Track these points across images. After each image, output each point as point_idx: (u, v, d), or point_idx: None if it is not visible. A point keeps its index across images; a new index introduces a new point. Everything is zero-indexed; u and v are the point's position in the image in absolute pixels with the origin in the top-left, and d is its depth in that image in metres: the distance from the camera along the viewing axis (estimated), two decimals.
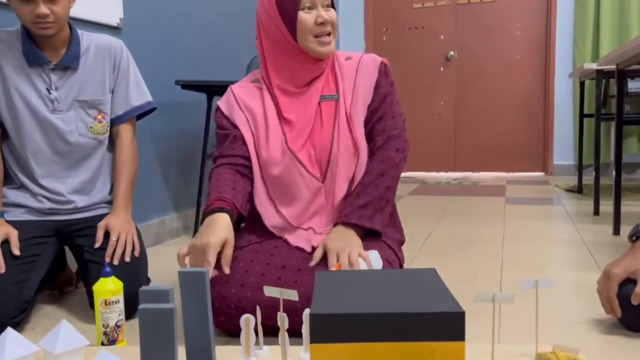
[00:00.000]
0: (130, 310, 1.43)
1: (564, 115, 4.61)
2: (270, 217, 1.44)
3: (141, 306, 0.76)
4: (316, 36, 1.41)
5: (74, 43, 1.58)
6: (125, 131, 1.68)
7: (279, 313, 1.09)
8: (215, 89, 2.45)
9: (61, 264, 1.78)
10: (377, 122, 1.47)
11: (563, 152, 4.64)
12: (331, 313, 0.77)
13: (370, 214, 1.39)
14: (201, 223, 1.36)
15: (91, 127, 1.61)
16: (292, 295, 1.04)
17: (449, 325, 0.77)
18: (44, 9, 1.43)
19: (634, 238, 1.36)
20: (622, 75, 2.31)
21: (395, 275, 0.97)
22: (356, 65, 1.51)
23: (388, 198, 1.43)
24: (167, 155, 2.53)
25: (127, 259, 1.50)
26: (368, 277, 0.95)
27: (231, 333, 1.34)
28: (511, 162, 4.84)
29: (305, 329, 1.12)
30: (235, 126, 1.48)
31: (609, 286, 1.31)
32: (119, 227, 1.53)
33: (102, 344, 1.25)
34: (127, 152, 1.66)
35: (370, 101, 1.47)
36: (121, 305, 1.27)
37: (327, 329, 0.77)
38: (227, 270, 1.29)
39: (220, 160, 1.47)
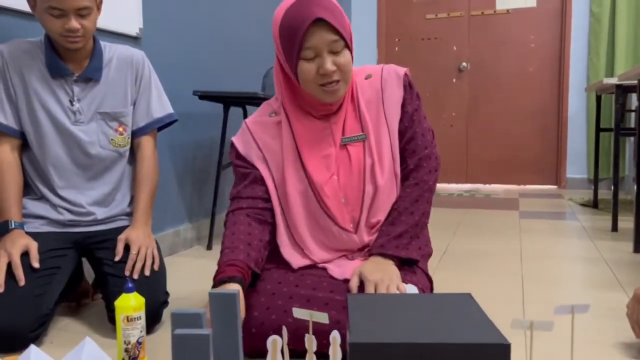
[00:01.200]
0: (150, 324, 1.42)
1: (577, 129, 4.58)
2: (296, 261, 1.37)
3: (176, 332, 0.74)
4: (321, 84, 1.28)
5: (97, 55, 1.58)
6: (147, 143, 1.67)
7: (306, 335, 1.06)
8: (232, 100, 2.44)
9: (79, 275, 1.77)
10: (407, 143, 1.39)
11: (576, 165, 4.61)
12: (372, 342, 0.75)
13: (406, 243, 1.33)
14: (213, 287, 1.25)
15: (112, 139, 1.60)
16: (323, 318, 1.02)
17: (494, 357, 0.75)
18: (75, 23, 1.43)
19: None
20: None
21: (430, 300, 0.94)
22: (379, 85, 1.40)
23: (424, 223, 1.38)
24: (183, 165, 2.52)
25: (147, 272, 1.48)
26: (403, 301, 0.93)
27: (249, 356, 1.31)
28: (523, 175, 4.81)
29: (332, 352, 1.10)
30: (253, 165, 1.39)
31: (639, 310, 1.28)
32: (139, 240, 1.51)
33: None
34: (148, 164, 1.65)
35: (399, 119, 1.38)
36: (143, 322, 1.26)
37: (367, 358, 0.75)
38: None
39: (238, 203, 1.37)
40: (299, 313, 1.04)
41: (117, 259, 1.49)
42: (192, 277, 2.08)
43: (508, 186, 4.81)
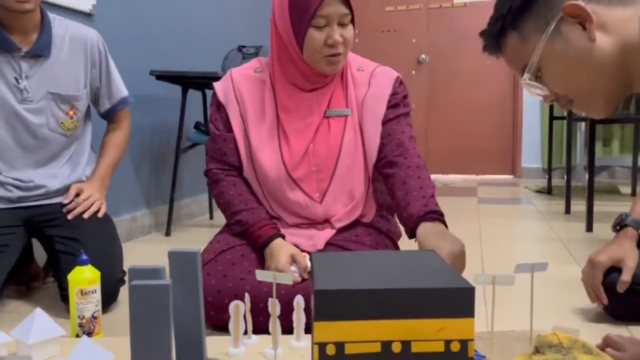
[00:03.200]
0: (106, 302, 1.36)
1: (531, 120, 4.71)
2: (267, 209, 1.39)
3: (134, 283, 0.70)
4: (326, 55, 1.30)
5: (45, 29, 1.50)
6: (120, 117, 1.69)
7: (270, 299, 1.04)
8: (191, 81, 2.39)
9: (28, 258, 1.68)
10: (387, 139, 1.35)
11: (531, 155, 4.74)
12: (337, 289, 0.74)
13: (437, 204, 1.27)
14: (259, 246, 1.31)
15: (62, 123, 1.54)
16: (287, 279, 1.00)
17: (458, 301, 0.74)
18: None
19: (618, 227, 1.37)
20: None
21: (395, 255, 0.94)
22: (368, 78, 1.41)
23: None
24: (140, 149, 2.45)
25: (86, 216, 1.48)
26: (367, 256, 0.91)
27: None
28: (480, 165, 4.91)
29: (296, 317, 1.08)
30: (228, 123, 1.40)
31: (594, 274, 1.31)
32: (90, 190, 1.53)
33: (77, 336, 1.18)
34: (117, 135, 1.68)
35: (383, 117, 1.36)
36: (98, 296, 1.21)
37: (332, 306, 0.73)
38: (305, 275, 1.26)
39: (225, 164, 1.40)
40: (262, 275, 1.02)
41: (66, 201, 1.50)
42: (150, 262, 2.01)
43: (466, 176, 4.90)
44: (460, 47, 4.82)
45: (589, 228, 2.41)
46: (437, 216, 1.23)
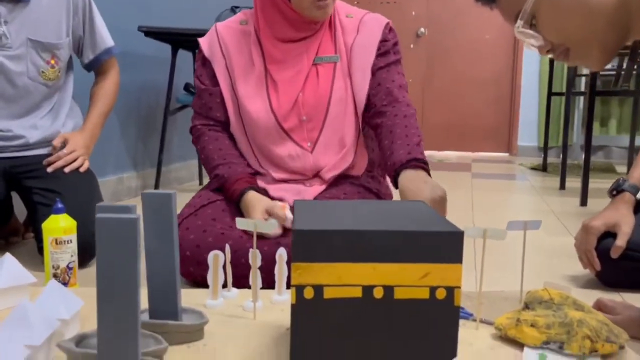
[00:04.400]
0: (82, 259, 1.31)
1: (529, 97, 4.65)
2: (252, 164, 1.34)
3: (99, 215, 0.66)
4: (314, 0, 1.24)
5: None
6: (107, 67, 1.64)
7: (251, 250, 1.00)
8: (181, 38, 2.31)
9: (7, 212, 1.64)
10: (380, 93, 1.31)
11: (527, 133, 4.69)
12: (318, 229, 0.69)
13: (423, 152, 1.23)
14: (234, 201, 1.26)
15: (42, 72, 1.48)
16: (268, 227, 0.95)
17: (446, 245, 0.70)
18: None
19: (614, 192, 1.33)
20: None
21: (382, 204, 0.89)
22: (357, 25, 1.36)
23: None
24: (126, 109, 2.38)
25: (67, 170, 1.44)
26: (353, 204, 0.87)
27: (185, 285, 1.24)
28: (476, 142, 4.86)
29: (278, 270, 1.04)
30: (214, 78, 1.35)
31: (588, 239, 1.28)
32: (76, 144, 1.48)
33: None
34: (105, 85, 1.63)
35: (372, 64, 1.32)
36: (74, 246, 1.16)
37: (311, 247, 0.69)
38: (288, 224, 1.17)
39: (208, 120, 1.36)
40: (242, 223, 0.97)
41: (53, 148, 1.47)
42: None
43: (461, 153, 4.85)
44: (460, 21, 4.73)
45: (584, 202, 2.38)
46: (420, 164, 1.19)
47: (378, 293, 0.70)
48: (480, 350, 0.84)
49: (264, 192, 1.28)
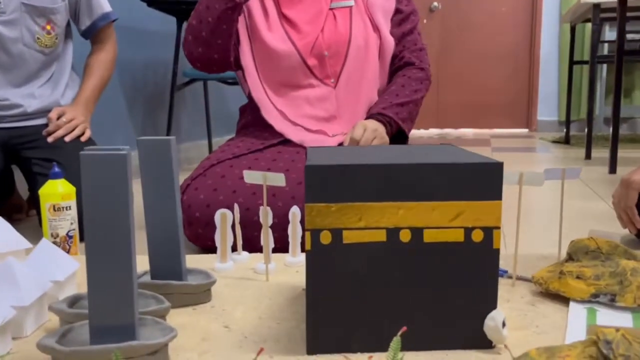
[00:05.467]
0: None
1: (548, 69, 4.49)
2: (279, 125, 1.25)
3: (84, 153, 0.57)
4: None
5: None
6: (103, 36, 1.55)
7: (261, 208, 0.91)
8: (186, 9, 2.22)
9: (9, 188, 1.57)
10: (397, 54, 1.32)
11: (547, 107, 4.54)
12: (332, 164, 0.60)
13: (405, 117, 1.26)
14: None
15: (38, 38, 1.40)
16: (279, 180, 0.87)
17: (484, 179, 0.61)
18: None
19: None
20: (623, 2, 2.17)
21: (410, 146, 0.80)
22: None
23: (418, 109, 1.31)
24: (132, 86, 2.30)
25: (68, 139, 1.37)
26: (375, 148, 0.78)
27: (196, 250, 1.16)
28: (494, 119, 4.72)
29: (292, 230, 0.95)
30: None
31: (628, 195, 1.17)
32: (74, 113, 1.41)
33: None
34: (100, 56, 1.55)
35: (391, 33, 1.31)
36: (73, 213, 1.08)
37: (328, 185, 0.60)
38: None
39: None
40: (250, 177, 0.89)
41: (49, 123, 1.38)
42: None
43: (478, 130, 4.72)
44: None
45: (612, 170, 2.26)
46: (383, 119, 1.21)
47: (405, 236, 0.61)
48: (519, 306, 0.75)
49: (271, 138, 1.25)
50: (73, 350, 0.57)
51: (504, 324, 0.61)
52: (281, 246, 0.99)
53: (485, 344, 0.62)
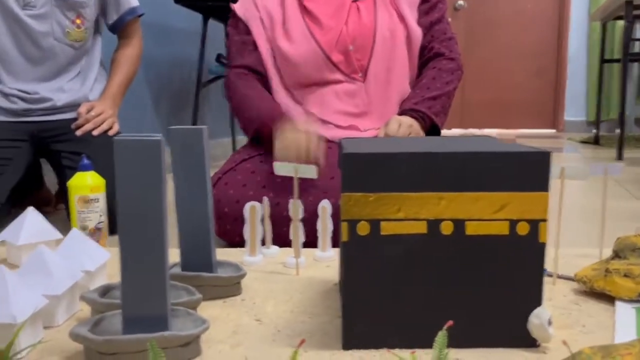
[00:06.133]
0: (113, 224, 1.24)
1: (577, 68, 4.40)
2: (296, 117, 1.22)
3: (118, 138, 0.56)
4: None
5: None
6: (129, 34, 1.55)
7: (291, 200, 0.90)
8: (213, 6, 2.22)
9: (37, 180, 1.59)
10: (426, 45, 1.27)
11: (574, 107, 4.45)
12: (371, 152, 0.58)
13: (438, 111, 1.21)
14: (258, 137, 1.17)
15: (68, 32, 1.41)
16: (310, 172, 0.85)
17: (530, 169, 0.58)
18: None
19: None
20: None
21: (448, 138, 0.77)
22: None
23: (451, 101, 1.26)
24: (158, 84, 2.31)
25: (96, 133, 1.38)
26: (413, 139, 0.76)
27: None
28: (519, 119, 4.64)
29: (321, 224, 0.93)
30: (247, 29, 1.28)
31: None
32: (102, 107, 1.42)
33: None
34: (126, 51, 1.55)
35: (419, 22, 1.26)
36: (102, 205, 1.08)
37: (365, 173, 0.58)
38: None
39: (241, 69, 1.26)
40: (281, 168, 0.87)
41: (78, 117, 1.39)
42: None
43: (503, 130, 4.65)
44: None
45: None
46: (417, 115, 1.17)
47: (446, 228, 0.59)
48: (562, 305, 0.72)
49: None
50: (106, 340, 0.56)
51: (549, 322, 0.58)
52: (310, 241, 0.97)
53: (529, 342, 0.59)
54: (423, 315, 0.59)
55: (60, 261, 0.71)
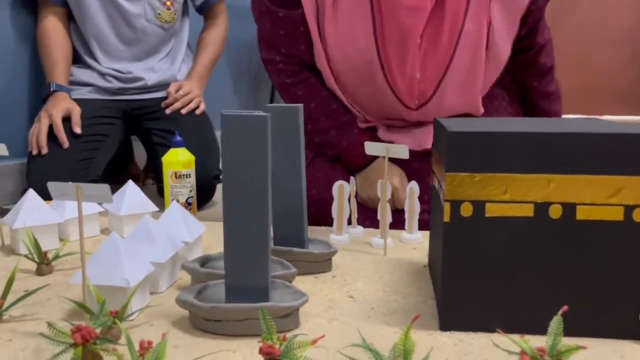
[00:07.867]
0: (200, 200, 1.29)
1: None
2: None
3: (226, 113, 0.58)
4: None
5: None
6: (215, 14, 1.60)
7: (380, 181, 0.90)
8: None
9: (128, 155, 1.67)
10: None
11: None
12: (477, 131, 0.57)
13: None
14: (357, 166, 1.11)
15: (159, 14, 1.47)
16: (402, 151, 0.84)
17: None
18: None
19: None
20: None
21: (557, 119, 0.74)
22: None
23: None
24: (238, 64, 2.36)
25: (184, 112, 1.43)
26: (523, 119, 0.73)
27: None
28: (604, 105, 4.38)
29: (409, 206, 0.92)
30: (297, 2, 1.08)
31: None
32: (189, 87, 1.47)
33: None
34: (214, 32, 1.60)
35: (516, 33, 1.08)
36: (192, 181, 1.12)
37: (471, 153, 0.56)
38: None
39: (287, 60, 1.13)
40: (372, 148, 0.87)
41: (168, 96, 1.45)
42: None
43: (586, 116, 4.40)
44: None
45: None
46: None
47: (555, 212, 0.56)
48: None
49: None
50: (212, 307, 0.58)
51: None
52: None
53: None
54: (526, 301, 0.57)
55: (164, 231, 0.74)
